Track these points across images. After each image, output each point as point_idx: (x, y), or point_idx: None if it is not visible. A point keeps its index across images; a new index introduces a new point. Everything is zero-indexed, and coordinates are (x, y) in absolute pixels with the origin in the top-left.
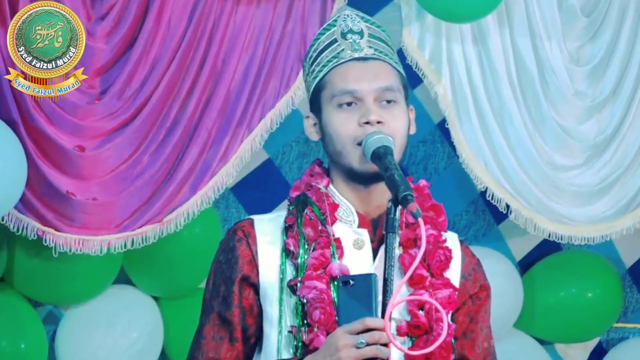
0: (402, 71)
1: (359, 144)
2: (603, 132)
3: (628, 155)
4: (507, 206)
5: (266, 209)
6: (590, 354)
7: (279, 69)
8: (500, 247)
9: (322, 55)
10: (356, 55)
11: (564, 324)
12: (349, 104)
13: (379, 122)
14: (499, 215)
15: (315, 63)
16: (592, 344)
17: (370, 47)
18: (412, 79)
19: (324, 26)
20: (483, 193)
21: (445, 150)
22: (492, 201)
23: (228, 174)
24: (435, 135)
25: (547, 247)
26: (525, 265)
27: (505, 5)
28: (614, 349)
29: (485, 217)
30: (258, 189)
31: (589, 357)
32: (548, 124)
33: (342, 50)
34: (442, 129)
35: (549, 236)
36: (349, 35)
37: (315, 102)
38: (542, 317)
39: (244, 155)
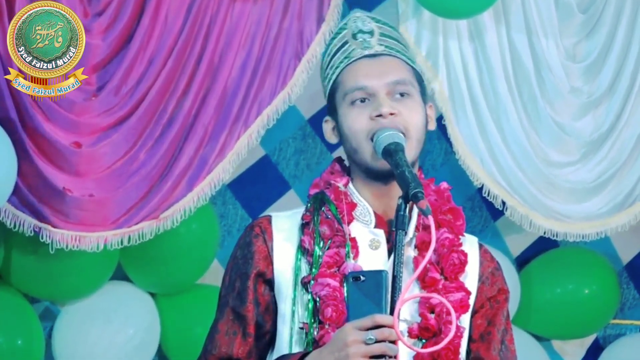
0: (416, 67)
1: (372, 139)
2: (599, 128)
3: (624, 152)
4: (503, 203)
5: (263, 205)
6: (587, 351)
7: (275, 65)
8: (497, 243)
9: (334, 58)
10: (366, 52)
11: (560, 321)
12: (362, 100)
13: (391, 114)
14: (495, 211)
15: (329, 67)
16: (589, 340)
17: (380, 44)
18: None
19: (336, 30)
20: (480, 189)
21: (443, 146)
22: (488, 198)
23: (225, 170)
24: (432, 131)
25: (544, 244)
26: (522, 262)
27: (502, 1)
28: (610, 345)
29: (482, 213)
30: (255, 185)
31: (585, 354)
32: (544, 120)
33: (353, 50)
34: (439, 125)
35: (544, 233)
36: (359, 35)
37: (332, 105)
38: (539, 314)
39: (241, 151)
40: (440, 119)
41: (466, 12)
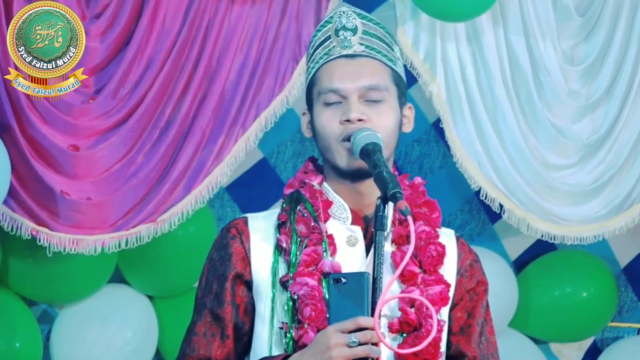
0: (396, 68)
1: (345, 139)
2: (597, 131)
3: (621, 155)
4: (501, 206)
5: (261, 208)
6: (585, 354)
7: (273, 68)
8: (495, 246)
9: (316, 52)
10: (344, 52)
11: (558, 324)
12: (335, 102)
13: (360, 120)
14: (493, 214)
15: (310, 60)
16: (587, 343)
17: (361, 44)
18: (406, 78)
19: (322, 23)
20: (478, 192)
21: (440, 149)
22: (486, 201)
23: (222, 173)
24: (430, 134)
25: (542, 247)
26: (520, 265)
27: (500, 4)
28: (608, 348)
29: (480, 216)
30: (253, 188)
31: (583, 357)
32: (542, 123)
33: (333, 47)
34: (437, 128)
35: (542, 236)
36: (341, 32)
37: (309, 99)
38: (536, 317)
39: (239, 154)
40: (437, 121)
41: (464, 15)
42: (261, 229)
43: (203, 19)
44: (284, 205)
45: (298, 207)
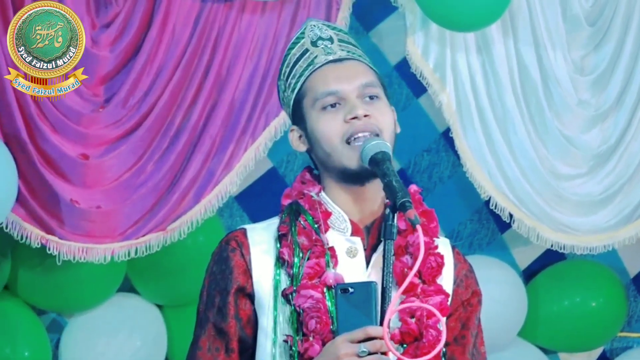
0: (377, 71)
1: (348, 140)
2: (606, 141)
3: (631, 165)
4: (510, 215)
5: (270, 217)
6: None
7: None
8: (505, 256)
9: (296, 67)
10: (330, 58)
11: (567, 333)
12: (333, 105)
13: (366, 116)
14: (503, 224)
15: (291, 76)
16: (596, 353)
17: (342, 49)
18: (416, 87)
19: (293, 40)
20: (487, 202)
21: (450, 159)
22: (496, 210)
23: (232, 183)
24: (439, 144)
25: (551, 256)
26: (529, 274)
27: (510, 14)
28: (617, 358)
29: (490, 226)
30: (262, 198)
31: None
32: (551, 133)
33: (316, 56)
34: (447, 137)
35: (552, 246)
36: (319, 42)
37: (298, 113)
38: (546, 326)
39: (248, 163)
40: (447, 131)
41: (474, 25)
42: (261, 241)
43: (213, 27)
44: (284, 217)
45: (298, 219)
